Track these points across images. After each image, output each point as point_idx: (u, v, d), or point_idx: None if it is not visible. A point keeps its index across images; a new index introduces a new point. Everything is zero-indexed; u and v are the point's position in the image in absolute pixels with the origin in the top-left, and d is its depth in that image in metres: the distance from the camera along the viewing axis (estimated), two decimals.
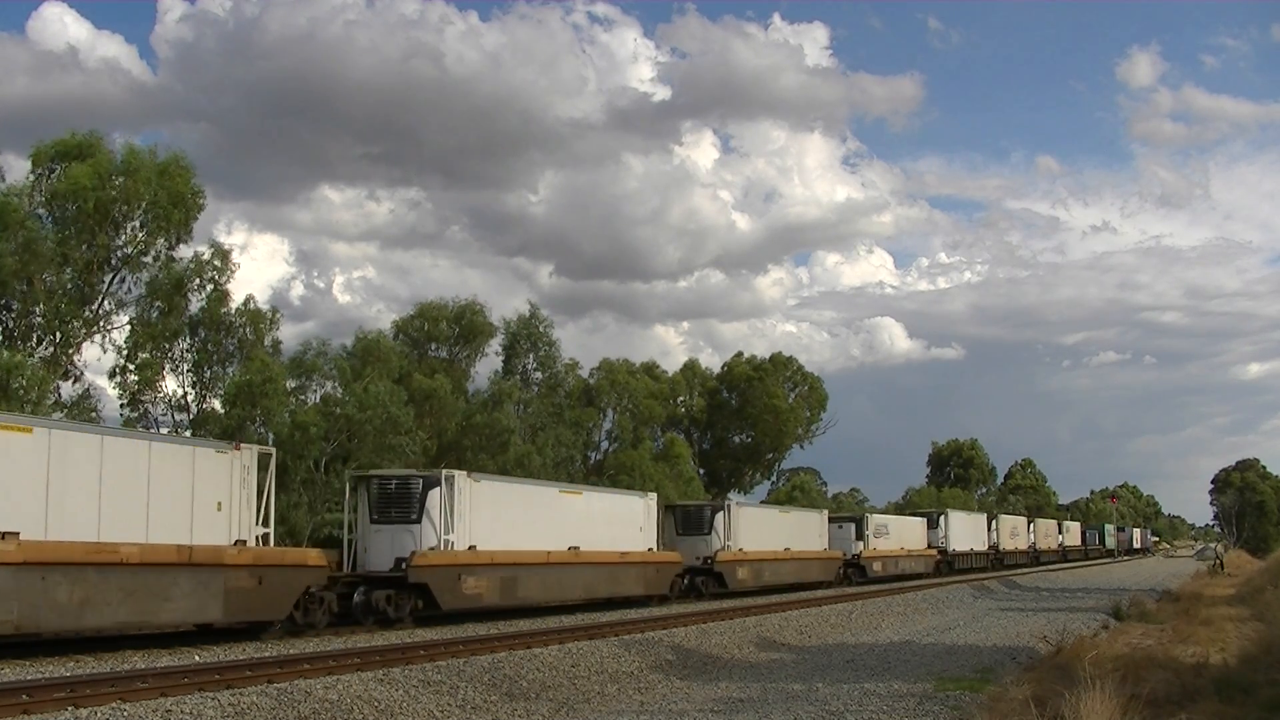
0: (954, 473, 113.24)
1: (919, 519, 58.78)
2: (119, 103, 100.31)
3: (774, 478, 78.03)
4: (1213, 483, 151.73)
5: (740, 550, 37.91)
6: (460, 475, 25.74)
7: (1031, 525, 79.47)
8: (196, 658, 17.62)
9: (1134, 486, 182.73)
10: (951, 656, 20.84)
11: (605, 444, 61.04)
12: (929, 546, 56.42)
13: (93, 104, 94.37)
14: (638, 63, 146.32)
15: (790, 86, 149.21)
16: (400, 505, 24.86)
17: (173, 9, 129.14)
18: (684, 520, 38.04)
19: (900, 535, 52.77)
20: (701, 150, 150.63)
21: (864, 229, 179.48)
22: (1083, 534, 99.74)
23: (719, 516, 37.91)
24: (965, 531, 62.00)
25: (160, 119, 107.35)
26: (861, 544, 48.13)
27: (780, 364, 74.02)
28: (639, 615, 26.75)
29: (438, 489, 24.84)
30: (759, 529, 39.96)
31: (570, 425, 53.13)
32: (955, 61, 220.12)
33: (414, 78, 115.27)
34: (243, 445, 21.77)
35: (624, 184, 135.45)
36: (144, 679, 13.74)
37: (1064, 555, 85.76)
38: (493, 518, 26.34)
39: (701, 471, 70.14)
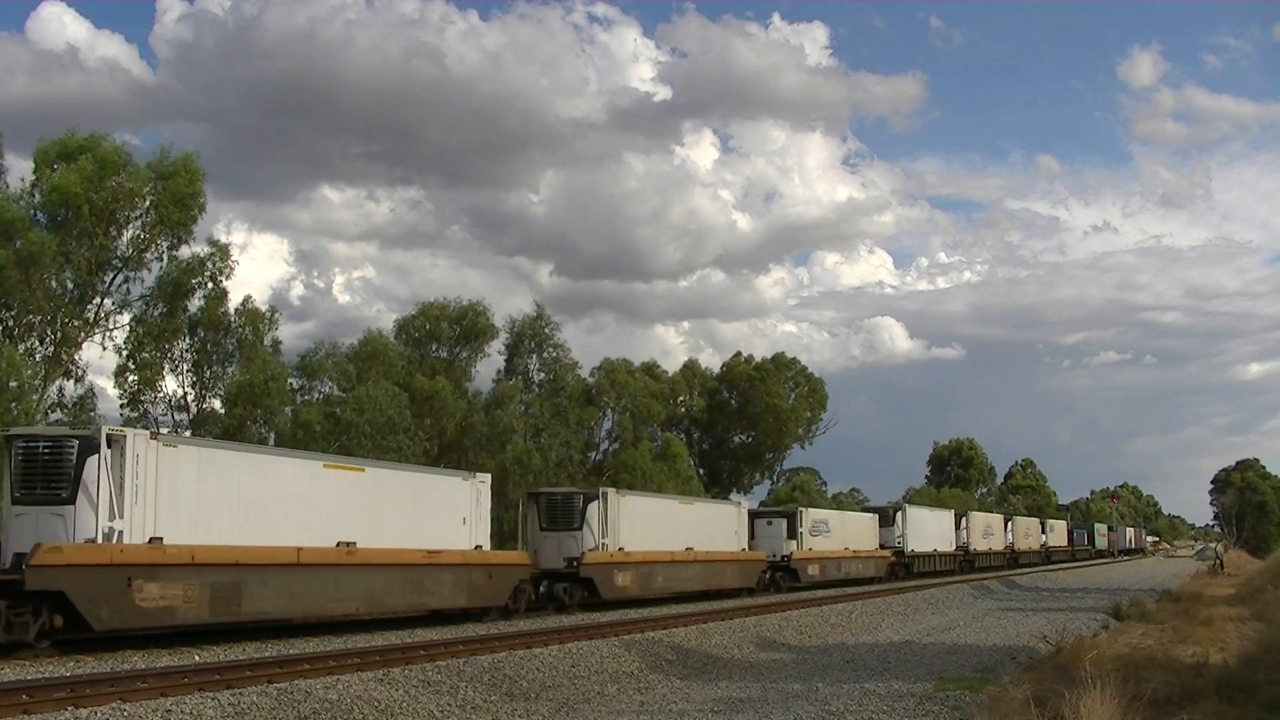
0: (954, 473, 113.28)
1: (868, 515, 51.99)
2: (119, 103, 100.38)
3: (774, 478, 78.12)
4: (1213, 483, 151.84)
5: (621, 550, 30.48)
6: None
7: (1009, 524, 72.61)
8: (196, 658, 17.61)
9: (1134, 486, 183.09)
10: (952, 656, 20.84)
11: (606, 444, 61.13)
12: (882, 547, 50.24)
13: (93, 104, 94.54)
14: (638, 62, 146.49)
15: (791, 86, 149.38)
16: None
17: (171, 8, 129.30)
18: (549, 511, 30.03)
19: (844, 533, 46.38)
20: (701, 150, 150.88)
21: (865, 229, 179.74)
22: (1069, 534, 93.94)
23: (593, 507, 29.94)
24: (927, 530, 55.68)
25: (160, 119, 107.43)
26: (794, 543, 41.58)
27: (781, 364, 74.06)
28: (639, 615, 26.75)
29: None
30: (649, 524, 32.43)
31: (571, 425, 53.16)
32: (957, 61, 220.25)
33: (414, 77, 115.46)
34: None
35: (624, 184, 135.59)
36: (144, 679, 13.73)
37: (1047, 557, 79.49)
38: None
39: (701, 471, 70.20)
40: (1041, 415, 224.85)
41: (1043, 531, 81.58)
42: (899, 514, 53.23)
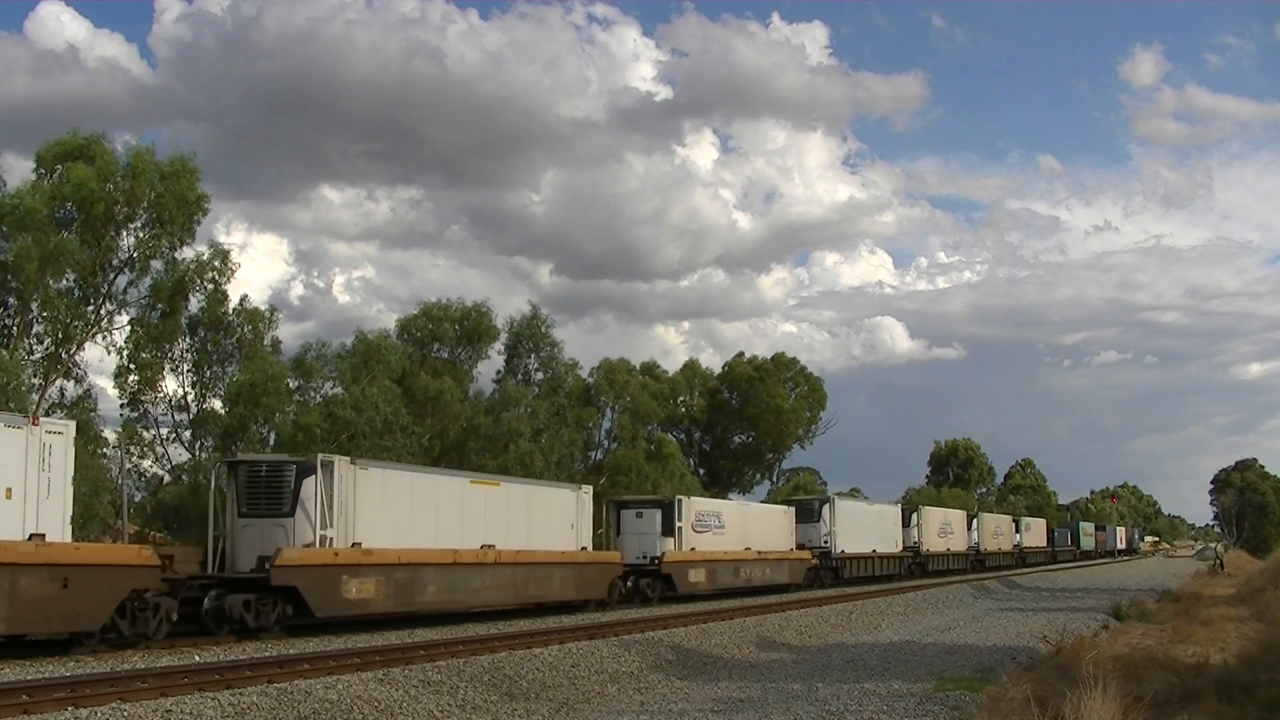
0: (953, 473, 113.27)
1: (780, 509, 44.10)
2: (120, 102, 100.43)
3: (774, 478, 78.11)
4: (1213, 483, 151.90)
5: (361, 548, 22.52)
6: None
7: (975, 521, 65.17)
8: (196, 658, 17.63)
9: (1134, 486, 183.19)
10: (952, 656, 20.84)
11: (606, 444, 61.12)
12: (802, 547, 43.21)
13: (93, 103, 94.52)
14: (639, 62, 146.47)
15: (793, 85, 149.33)
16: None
17: (170, 8, 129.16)
18: (248, 489, 22.34)
19: (745, 530, 38.62)
20: (702, 150, 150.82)
21: (866, 229, 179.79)
22: (1049, 533, 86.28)
23: (308, 482, 21.98)
24: (862, 527, 48.31)
25: (160, 119, 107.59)
26: (671, 541, 33.86)
27: (781, 364, 74.06)
28: (639, 615, 26.74)
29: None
30: (400, 510, 24.12)
31: (571, 425, 53.15)
32: (959, 60, 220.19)
33: (415, 77, 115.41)
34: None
35: (625, 183, 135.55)
36: (144, 679, 13.74)
37: (1021, 559, 72.33)
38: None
39: (701, 471, 70.20)
40: (1041, 415, 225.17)
41: (1016, 530, 74.57)
42: (826, 507, 46.09)
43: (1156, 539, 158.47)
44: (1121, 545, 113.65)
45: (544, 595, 28.35)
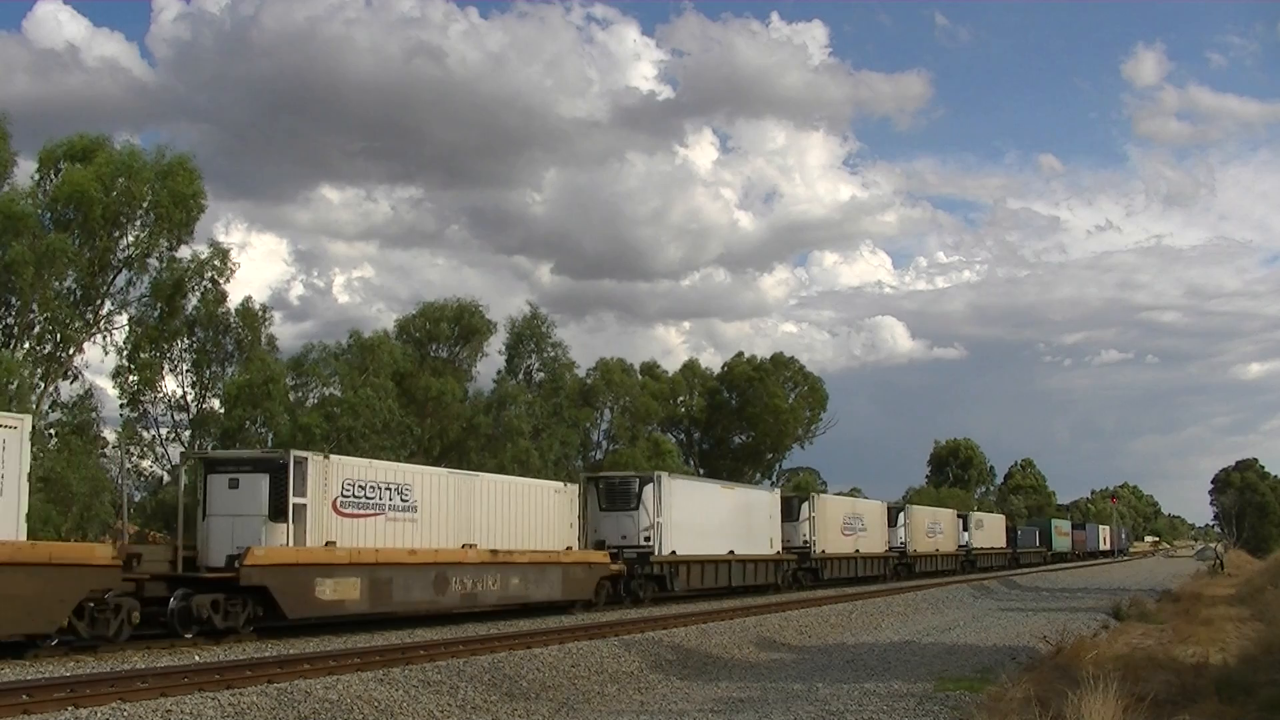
0: (953, 473, 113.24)
1: (550, 485, 29.74)
2: (120, 102, 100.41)
3: (774, 478, 78.16)
4: (1213, 483, 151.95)
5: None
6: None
7: (900, 516, 51.71)
8: (196, 658, 17.61)
9: (1134, 486, 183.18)
10: (952, 656, 20.84)
11: (604, 444, 61.15)
12: (602, 545, 30.50)
13: (94, 103, 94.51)
14: (640, 62, 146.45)
15: (795, 84, 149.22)
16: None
17: (168, 7, 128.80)
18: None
19: (434, 513, 24.47)
20: (703, 150, 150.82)
21: (868, 228, 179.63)
22: (1010, 533, 70.86)
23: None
24: (702, 517, 33.36)
25: (160, 118, 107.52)
26: (284, 531, 21.21)
27: (781, 364, 74.10)
28: (639, 615, 26.74)
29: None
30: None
31: (570, 425, 53.20)
32: (961, 59, 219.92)
33: (416, 76, 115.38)
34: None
35: (625, 183, 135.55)
36: (144, 679, 13.74)
37: (969, 562, 59.44)
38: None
39: (701, 471, 70.23)
40: (1041, 415, 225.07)
41: (964, 528, 60.63)
42: (648, 488, 31.28)
43: (1156, 539, 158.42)
44: (1105, 546, 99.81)
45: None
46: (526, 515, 27.72)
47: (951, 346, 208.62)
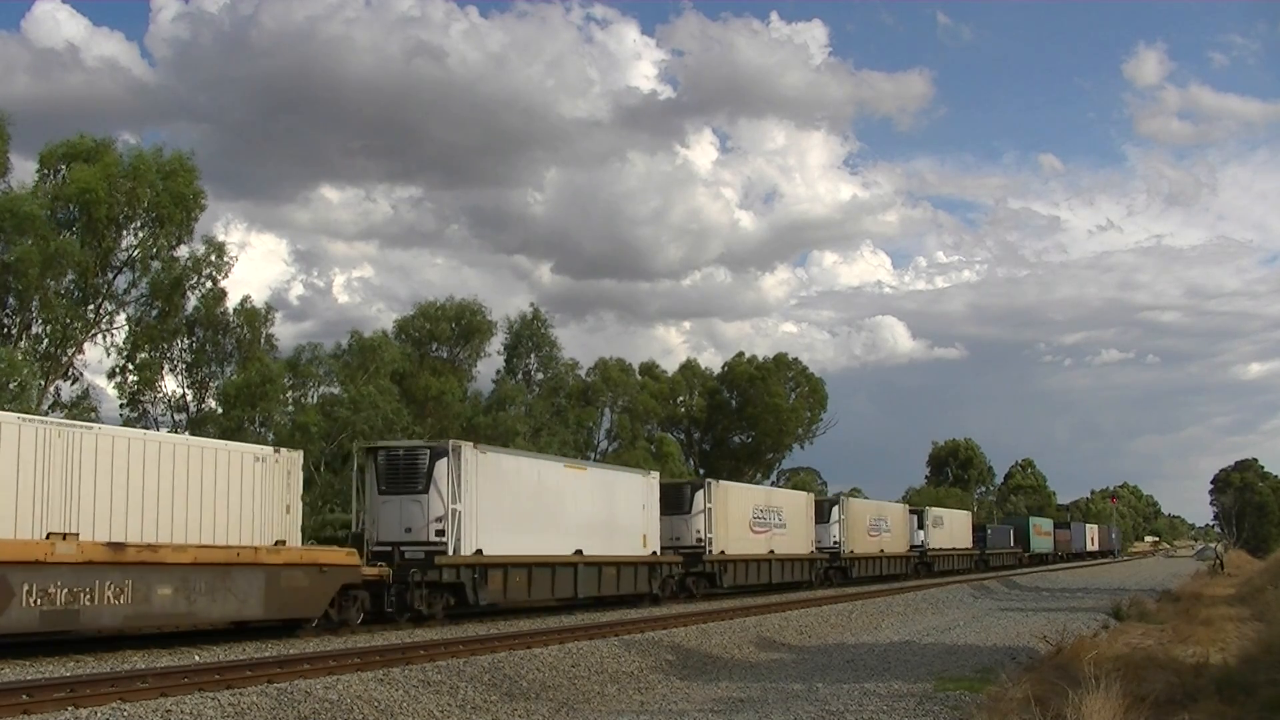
0: (953, 473, 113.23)
1: (241, 449, 22.23)
2: (120, 101, 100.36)
3: (774, 478, 78.20)
4: (1213, 483, 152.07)
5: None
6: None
7: (835, 510, 44.39)
8: (196, 658, 17.60)
9: (1134, 486, 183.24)
10: (952, 656, 20.84)
11: (604, 443, 61.18)
12: (326, 551, 22.76)
13: (94, 103, 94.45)
14: (640, 62, 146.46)
15: (796, 84, 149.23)
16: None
17: (166, 7, 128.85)
18: None
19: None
20: (703, 149, 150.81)
21: (868, 228, 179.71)
22: (977, 533, 62.81)
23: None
24: (529, 504, 25.75)
25: (160, 118, 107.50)
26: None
27: (781, 364, 74.13)
28: (638, 615, 26.73)
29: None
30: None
31: (570, 425, 53.21)
32: (964, 58, 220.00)
33: (416, 76, 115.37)
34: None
35: (626, 182, 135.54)
36: (144, 679, 13.72)
37: (925, 565, 52.90)
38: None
39: (701, 471, 70.26)
40: (1041, 415, 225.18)
41: (919, 526, 53.34)
42: (442, 462, 23.14)
43: (1156, 539, 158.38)
44: (1093, 546, 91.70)
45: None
46: (198, 493, 20.20)
47: (952, 346, 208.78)
